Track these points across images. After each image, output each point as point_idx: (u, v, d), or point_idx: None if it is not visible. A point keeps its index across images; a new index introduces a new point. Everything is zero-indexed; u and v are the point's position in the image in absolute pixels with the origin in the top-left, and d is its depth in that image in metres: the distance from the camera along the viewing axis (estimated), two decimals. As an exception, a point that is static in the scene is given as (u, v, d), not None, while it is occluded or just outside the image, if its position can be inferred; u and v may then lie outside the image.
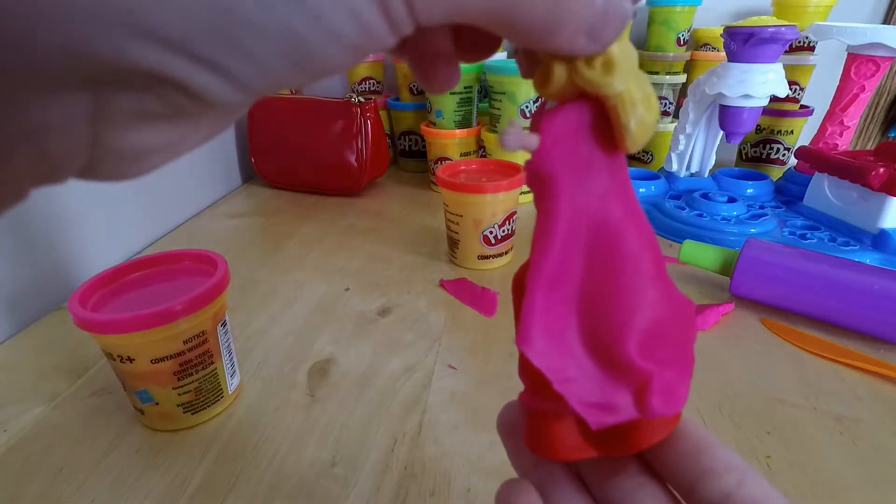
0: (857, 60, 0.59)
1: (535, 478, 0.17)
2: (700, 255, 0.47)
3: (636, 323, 0.14)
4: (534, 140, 0.14)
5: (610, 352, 0.14)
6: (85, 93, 0.09)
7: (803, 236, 0.55)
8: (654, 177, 0.69)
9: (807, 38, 0.73)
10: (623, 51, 0.13)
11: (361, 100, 0.74)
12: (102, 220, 0.55)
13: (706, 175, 0.69)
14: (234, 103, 0.10)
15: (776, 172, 0.78)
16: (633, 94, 0.13)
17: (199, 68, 0.09)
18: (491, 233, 0.52)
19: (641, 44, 0.83)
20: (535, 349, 0.14)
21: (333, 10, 0.09)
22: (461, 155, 0.76)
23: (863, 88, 0.60)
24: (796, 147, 0.66)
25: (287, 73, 0.09)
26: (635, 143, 0.14)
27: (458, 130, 0.74)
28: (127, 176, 0.11)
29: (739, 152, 0.83)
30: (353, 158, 0.75)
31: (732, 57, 0.58)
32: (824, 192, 0.58)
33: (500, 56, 0.76)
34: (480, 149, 0.78)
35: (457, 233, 0.53)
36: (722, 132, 0.64)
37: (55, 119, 0.09)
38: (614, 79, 0.13)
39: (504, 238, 0.53)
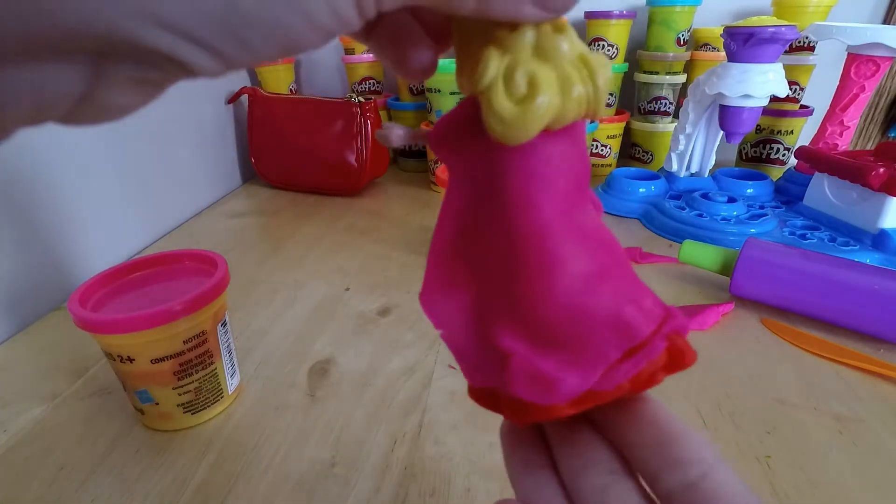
0: (857, 60, 0.59)
1: (523, 482, 0.17)
2: (700, 255, 0.47)
3: (521, 303, 0.15)
4: (415, 132, 0.16)
5: (484, 322, 0.15)
6: (91, 61, 0.10)
7: (803, 236, 0.55)
8: (654, 177, 0.69)
9: (807, 38, 0.73)
10: (507, 45, 0.13)
11: (361, 100, 0.74)
12: (102, 220, 0.55)
13: (706, 175, 0.69)
14: (217, 75, 0.11)
15: (776, 172, 0.78)
16: (498, 89, 0.13)
17: (200, 51, 0.10)
18: (491, 233, 0.52)
19: (641, 44, 0.83)
20: (425, 301, 0.16)
21: (317, 5, 0.10)
22: (461, 155, 0.76)
23: (863, 88, 0.60)
24: (796, 147, 0.66)
25: (270, 55, 0.11)
26: (499, 136, 0.14)
27: (458, 130, 0.74)
28: (97, 124, 0.12)
29: (739, 152, 0.83)
30: (353, 158, 0.75)
31: (732, 57, 0.58)
32: (824, 192, 0.58)
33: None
34: (480, 149, 0.77)
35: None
36: (722, 132, 0.64)
37: (59, 79, 0.10)
38: (476, 77, 0.13)
39: (504, 238, 0.53)
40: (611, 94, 0.84)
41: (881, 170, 0.49)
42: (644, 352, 0.14)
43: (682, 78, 0.80)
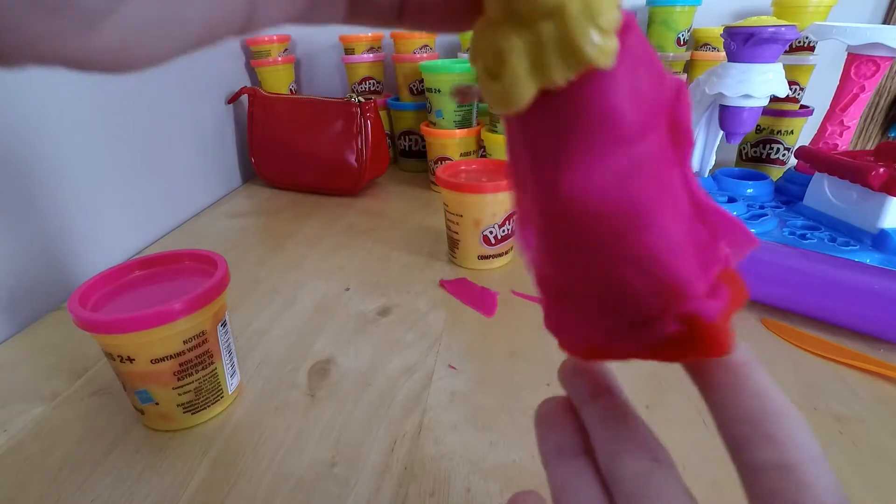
0: (857, 60, 0.59)
1: (557, 467, 0.17)
2: (700, 255, 0.47)
3: (547, 259, 0.15)
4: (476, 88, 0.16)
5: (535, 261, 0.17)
6: None
7: (803, 236, 0.55)
8: (654, 177, 0.69)
9: (807, 38, 0.73)
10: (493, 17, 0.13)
11: (361, 100, 0.74)
12: (102, 220, 0.55)
13: (706, 175, 0.69)
14: None
15: (776, 172, 0.78)
16: (479, 70, 0.13)
17: None
18: (491, 233, 0.52)
19: (641, 44, 0.83)
20: (517, 228, 0.17)
21: None
22: (461, 155, 0.76)
23: (863, 88, 0.60)
24: (796, 147, 0.66)
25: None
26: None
27: (458, 130, 0.74)
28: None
29: (739, 152, 0.83)
30: (353, 158, 0.75)
31: (732, 57, 0.58)
32: (824, 192, 0.58)
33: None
34: (480, 149, 0.78)
35: (457, 233, 0.53)
36: (722, 132, 0.64)
37: None
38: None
39: (504, 238, 0.53)
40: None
41: (881, 170, 0.49)
42: (650, 329, 0.14)
43: (682, 78, 0.80)
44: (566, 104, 0.12)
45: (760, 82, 0.56)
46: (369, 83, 0.90)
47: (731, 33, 0.56)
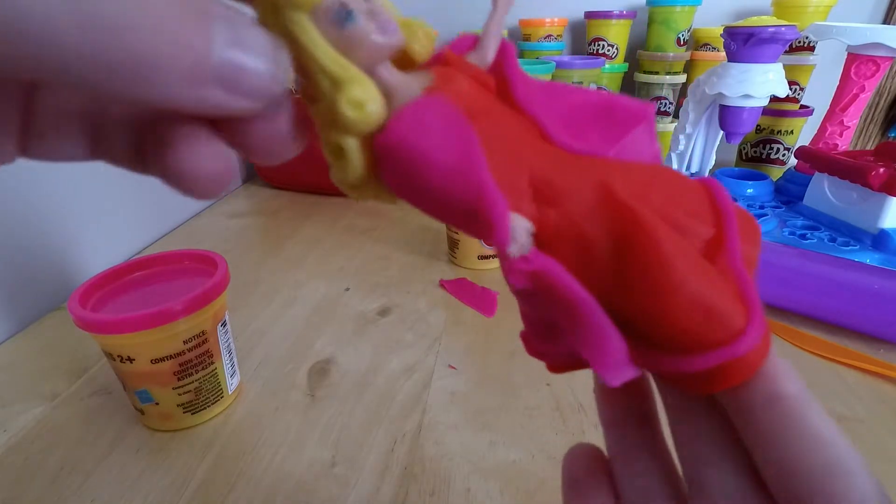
0: (857, 60, 0.59)
1: (624, 431, 0.16)
2: (700, 255, 0.47)
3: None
4: None
5: None
6: None
7: (803, 236, 0.55)
8: (654, 177, 0.69)
9: (807, 38, 0.73)
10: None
11: (361, 100, 0.74)
12: (102, 220, 0.55)
13: (706, 175, 0.69)
14: None
15: (776, 172, 0.78)
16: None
17: None
18: (491, 233, 0.52)
19: (641, 44, 0.83)
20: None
21: None
22: (461, 155, 0.76)
23: (863, 88, 0.60)
24: (796, 147, 0.66)
25: None
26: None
27: (458, 130, 0.74)
28: None
29: (739, 152, 0.83)
30: (353, 158, 0.75)
31: (732, 57, 0.58)
32: (824, 192, 0.57)
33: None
34: (480, 149, 0.77)
35: (457, 233, 0.53)
36: (722, 132, 0.64)
37: None
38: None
39: (504, 238, 0.53)
40: (611, 94, 0.84)
41: (881, 170, 0.49)
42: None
43: (682, 78, 0.80)
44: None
45: (760, 82, 0.56)
46: (369, 83, 0.90)
47: (731, 33, 0.56)
